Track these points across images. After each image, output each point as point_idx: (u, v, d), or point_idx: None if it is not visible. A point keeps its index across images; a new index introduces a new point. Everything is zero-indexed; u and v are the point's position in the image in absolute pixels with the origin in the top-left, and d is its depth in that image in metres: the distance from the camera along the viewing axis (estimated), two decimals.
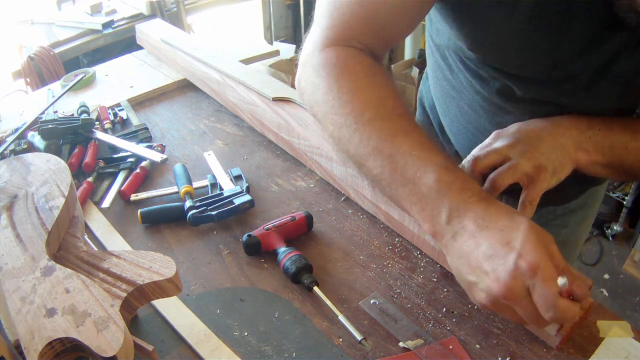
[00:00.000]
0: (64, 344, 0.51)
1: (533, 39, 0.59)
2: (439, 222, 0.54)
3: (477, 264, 0.51)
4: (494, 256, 0.50)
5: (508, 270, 0.49)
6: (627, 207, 2.18)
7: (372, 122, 0.58)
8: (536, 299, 0.49)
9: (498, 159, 0.63)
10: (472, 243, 0.52)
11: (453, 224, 0.53)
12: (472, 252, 0.52)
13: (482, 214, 0.52)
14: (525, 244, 0.49)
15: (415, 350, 0.61)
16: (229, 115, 1.11)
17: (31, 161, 0.76)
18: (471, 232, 0.52)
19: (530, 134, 0.64)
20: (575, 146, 0.63)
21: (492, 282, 0.50)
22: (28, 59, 2.14)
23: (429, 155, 0.56)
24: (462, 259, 0.53)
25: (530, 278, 0.48)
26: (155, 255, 0.61)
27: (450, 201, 0.53)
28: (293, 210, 0.84)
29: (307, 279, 0.68)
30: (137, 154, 0.94)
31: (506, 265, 0.49)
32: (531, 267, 0.48)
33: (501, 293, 0.49)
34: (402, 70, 2.68)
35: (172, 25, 1.41)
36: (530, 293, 0.49)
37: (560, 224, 0.93)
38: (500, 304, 0.51)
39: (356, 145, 0.59)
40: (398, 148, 0.56)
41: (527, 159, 0.61)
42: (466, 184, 0.55)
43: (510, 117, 0.70)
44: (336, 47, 0.65)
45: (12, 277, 0.58)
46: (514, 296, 0.49)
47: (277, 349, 0.63)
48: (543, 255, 0.49)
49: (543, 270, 0.48)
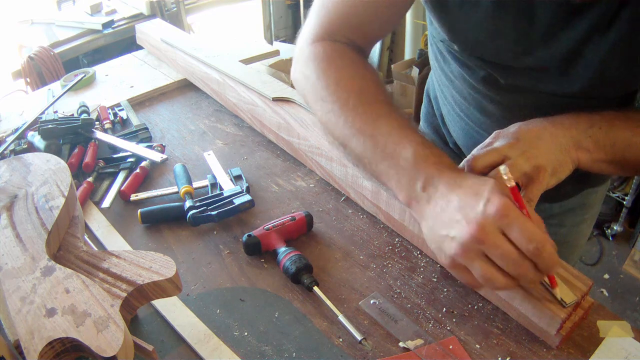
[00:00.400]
0: (64, 344, 0.51)
1: (500, 26, 0.61)
2: (415, 190, 0.58)
3: (449, 217, 0.54)
4: (464, 206, 0.53)
5: (478, 213, 0.51)
6: (627, 207, 2.19)
7: (355, 107, 0.64)
8: (515, 235, 0.50)
9: (497, 158, 0.63)
10: (444, 202, 0.55)
11: (428, 190, 0.57)
12: (445, 209, 0.55)
13: (454, 178, 0.56)
14: (491, 192, 0.52)
15: (415, 350, 0.61)
16: (229, 115, 1.11)
17: (31, 161, 0.76)
18: (443, 193, 0.56)
19: (529, 134, 0.64)
20: (576, 146, 0.63)
21: (464, 226, 0.52)
22: (28, 59, 2.14)
23: (406, 134, 0.61)
24: (436, 217, 0.56)
25: (501, 220, 0.50)
26: (155, 255, 0.61)
27: (426, 171, 0.58)
28: (293, 210, 0.84)
29: (307, 279, 0.68)
30: (137, 154, 0.94)
31: (476, 209, 0.52)
32: (500, 209, 0.50)
33: (474, 234, 0.51)
34: (402, 70, 2.68)
35: (172, 25, 1.41)
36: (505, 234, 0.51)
37: (557, 223, 0.93)
38: (472, 252, 0.52)
39: (341, 127, 0.64)
40: (379, 129, 0.62)
41: (526, 159, 0.62)
42: (440, 158, 0.59)
43: (497, 106, 0.73)
44: (323, 42, 0.72)
45: (12, 277, 0.58)
46: (487, 235, 0.51)
47: (277, 349, 0.63)
48: (509, 200, 0.51)
49: (514, 211, 0.51)
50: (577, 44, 0.59)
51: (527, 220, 0.50)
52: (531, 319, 0.62)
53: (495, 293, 0.64)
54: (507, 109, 0.73)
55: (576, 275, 0.63)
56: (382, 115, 0.63)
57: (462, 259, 0.53)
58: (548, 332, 0.60)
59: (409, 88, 2.61)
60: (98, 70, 1.29)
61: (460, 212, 0.53)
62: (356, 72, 0.69)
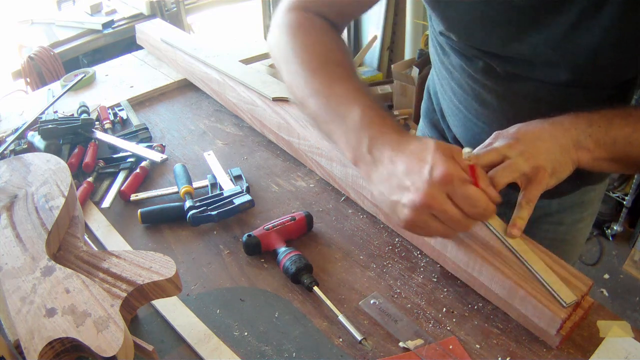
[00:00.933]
0: (64, 344, 0.51)
1: (488, 13, 0.62)
2: (361, 150, 0.62)
3: (398, 182, 0.58)
4: (411, 172, 0.57)
5: (425, 179, 0.55)
6: (627, 207, 2.18)
7: (316, 70, 0.69)
8: (459, 200, 0.55)
9: (496, 157, 0.64)
10: (391, 167, 0.59)
11: (373, 153, 0.61)
12: (392, 174, 0.58)
13: (397, 141, 0.60)
14: (435, 157, 0.56)
15: (415, 350, 0.61)
16: (229, 115, 1.11)
17: (31, 161, 0.76)
18: (389, 157, 0.59)
19: (529, 134, 0.64)
20: (576, 146, 0.63)
21: (413, 193, 0.56)
22: (28, 59, 2.14)
23: (358, 97, 0.65)
24: (385, 182, 0.59)
25: (446, 184, 0.54)
26: (155, 255, 0.61)
27: (370, 132, 0.61)
28: (293, 210, 0.84)
29: (307, 279, 0.68)
30: (137, 154, 0.94)
31: (422, 176, 0.55)
32: (444, 174, 0.54)
33: (423, 201, 0.55)
34: (402, 70, 2.68)
35: (172, 25, 1.41)
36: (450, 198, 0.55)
37: (556, 221, 0.93)
38: (423, 215, 0.56)
39: (302, 88, 0.69)
40: (334, 91, 0.66)
41: (525, 159, 0.62)
42: (385, 120, 0.63)
43: (494, 96, 0.75)
44: (298, 11, 0.77)
45: (12, 277, 0.58)
46: (435, 200, 0.55)
47: (277, 349, 0.63)
48: (452, 164, 0.55)
49: (457, 176, 0.55)
50: (568, 29, 0.60)
51: (469, 186, 0.55)
52: (531, 319, 0.62)
53: (495, 293, 0.64)
54: (505, 100, 0.74)
55: (576, 275, 0.63)
56: (338, 79, 0.67)
57: (413, 222, 0.58)
58: (548, 332, 0.60)
59: (409, 88, 2.61)
60: (98, 70, 1.29)
61: (408, 179, 0.57)
62: (322, 39, 0.74)
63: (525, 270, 0.63)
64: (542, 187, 0.62)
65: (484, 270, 0.64)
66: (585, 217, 0.96)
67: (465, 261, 0.67)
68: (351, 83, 0.67)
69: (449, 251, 0.69)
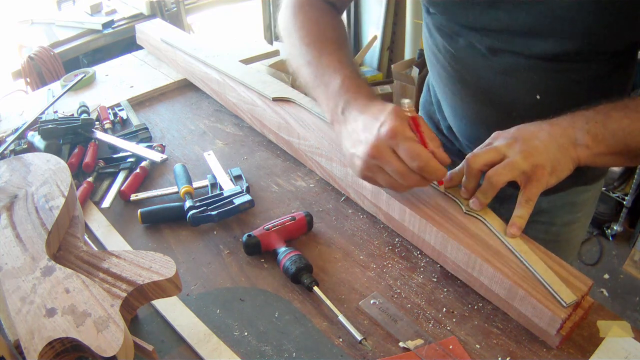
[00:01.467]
0: (64, 344, 0.51)
1: None
2: (337, 113, 0.71)
3: (356, 137, 0.66)
4: (366, 129, 0.65)
5: (374, 135, 0.63)
6: (627, 207, 2.18)
7: (310, 45, 0.79)
8: (401, 153, 0.62)
9: (496, 156, 0.64)
10: (354, 125, 0.67)
11: (345, 114, 0.70)
12: (354, 131, 0.67)
13: (365, 104, 0.68)
14: (387, 116, 0.63)
15: (415, 350, 0.61)
16: (229, 115, 1.11)
17: (31, 161, 0.76)
18: (354, 117, 0.68)
19: (528, 134, 0.65)
20: (574, 144, 0.64)
21: (364, 146, 0.64)
22: (28, 59, 2.14)
23: (341, 68, 0.74)
24: (348, 138, 0.68)
25: (391, 139, 0.61)
26: (155, 255, 0.61)
27: (346, 97, 0.70)
28: (293, 210, 0.84)
29: (307, 279, 0.68)
30: (137, 154, 0.94)
31: (372, 132, 0.63)
32: (390, 130, 0.61)
33: (370, 153, 0.63)
34: (402, 70, 2.68)
35: (172, 25, 1.41)
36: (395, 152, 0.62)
37: (548, 221, 0.93)
38: (372, 166, 0.65)
39: (298, 59, 0.80)
40: (322, 62, 0.76)
41: (524, 158, 0.62)
42: (360, 89, 0.71)
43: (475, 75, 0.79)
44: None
45: (12, 277, 0.58)
46: (380, 153, 0.63)
47: (277, 349, 0.63)
48: (399, 122, 0.62)
49: (401, 132, 0.61)
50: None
51: (412, 142, 0.61)
52: (531, 319, 0.62)
53: (495, 293, 0.64)
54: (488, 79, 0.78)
55: (576, 275, 0.63)
56: (328, 53, 0.76)
57: (365, 172, 0.66)
58: (548, 332, 0.60)
59: (409, 88, 2.61)
60: (98, 70, 1.29)
61: (363, 134, 0.65)
62: (320, 18, 0.84)
63: (525, 270, 0.63)
64: (541, 186, 0.63)
65: (484, 270, 0.64)
66: (579, 218, 0.96)
67: (465, 261, 0.67)
68: (337, 56, 0.76)
69: (449, 251, 0.69)
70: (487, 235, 0.67)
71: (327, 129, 0.89)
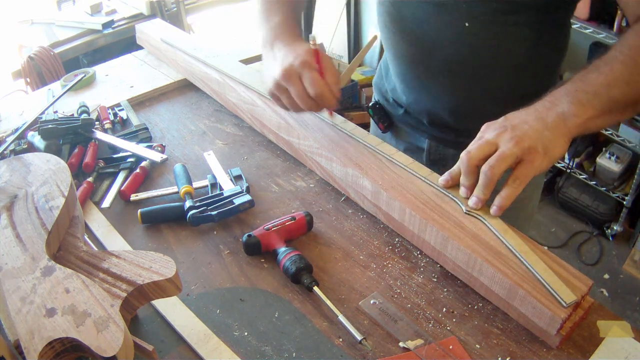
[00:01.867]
0: (64, 344, 0.51)
1: None
2: (267, 47, 0.85)
3: (276, 63, 0.80)
4: (285, 58, 0.78)
5: (288, 62, 0.77)
6: (627, 207, 2.18)
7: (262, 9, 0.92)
8: (304, 81, 0.76)
9: (490, 149, 0.65)
10: (278, 53, 0.81)
11: (273, 46, 0.83)
12: (275, 57, 0.81)
13: (292, 41, 0.82)
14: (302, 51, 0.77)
15: (415, 350, 0.61)
16: (229, 115, 1.11)
17: (31, 161, 0.76)
18: (279, 48, 0.82)
19: (516, 121, 0.66)
20: (563, 119, 0.65)
21: (277, 69, 0.78)
22: (28, 59, 2.13)
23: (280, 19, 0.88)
24: (270, 63, 0.82)
25: (300, 67, 0.76)
26: (155, 255, 0.61)
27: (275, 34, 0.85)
28: (293, 210, 0.84)
29: (307, 279, 0.68)
30: (137, 154, 0.94)
31: (288, 60, 0.77)
32: (301, 62, 0.76)
33: (282, 74, 0.77)
34: None
35: (172, 25, 1.41)
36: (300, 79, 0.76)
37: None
38: (281, 86, 0.78)
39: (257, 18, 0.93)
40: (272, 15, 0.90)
41: (515, 144, 0.63)
42: (293, 30, 0.86)
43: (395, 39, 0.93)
44: None
45: (12, 277, 0.58)
46: (289, 77, 0.76)
47: (277, 349, 0.63)
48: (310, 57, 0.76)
49: (309, 64, 0.76)
50: None
51: (315, 74, 0.75)
52: (531, 319, 0.62)
53: (495, 293, 0.64)
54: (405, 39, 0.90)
55: (576, 275, 0.63)
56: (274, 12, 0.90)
57: (274, 89, 0.80)
58: (548, 332, 0.60)
59: None
60: (98, 70, 1.29)
61: (282, 60, 0.78)
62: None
63: (525, 270, 0.63)
64: (533, 167, 0.63)
65: (484, 270, 0.64)
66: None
67: (465, 261, 0.67)
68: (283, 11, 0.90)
69: (449, 251, 0.69)
70: (487, 235, 0.67)
71: (327, 129, 0.89)
